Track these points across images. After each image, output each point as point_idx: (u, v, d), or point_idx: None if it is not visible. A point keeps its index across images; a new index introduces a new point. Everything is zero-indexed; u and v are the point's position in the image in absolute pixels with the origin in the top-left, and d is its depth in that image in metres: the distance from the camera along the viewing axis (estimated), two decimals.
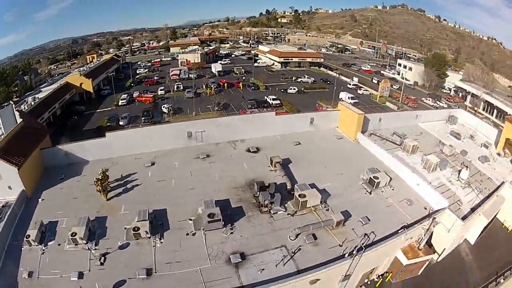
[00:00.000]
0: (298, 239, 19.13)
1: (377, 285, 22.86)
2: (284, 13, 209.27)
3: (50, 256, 16.36)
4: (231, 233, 18.98)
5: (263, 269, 16.77)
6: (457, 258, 27.08)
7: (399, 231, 21.40)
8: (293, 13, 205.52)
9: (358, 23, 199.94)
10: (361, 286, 22.53)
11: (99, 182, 19.75)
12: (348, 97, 61.21)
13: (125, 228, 18.05)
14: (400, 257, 22.34)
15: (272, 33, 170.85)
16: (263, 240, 18.75)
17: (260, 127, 30.06)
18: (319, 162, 28.03)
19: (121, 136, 26.04)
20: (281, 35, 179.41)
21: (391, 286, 23.20)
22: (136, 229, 17.27)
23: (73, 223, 17.48)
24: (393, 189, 26.62)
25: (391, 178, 27.34)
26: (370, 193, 25.66)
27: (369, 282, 22.98)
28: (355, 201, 23.57)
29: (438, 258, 25.46)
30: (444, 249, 24.95)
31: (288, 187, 23.14)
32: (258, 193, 21.65)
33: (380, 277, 23.33)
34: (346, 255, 17.97)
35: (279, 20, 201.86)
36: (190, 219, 19.40)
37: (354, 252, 17.49)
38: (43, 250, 16.61)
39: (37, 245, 16.62)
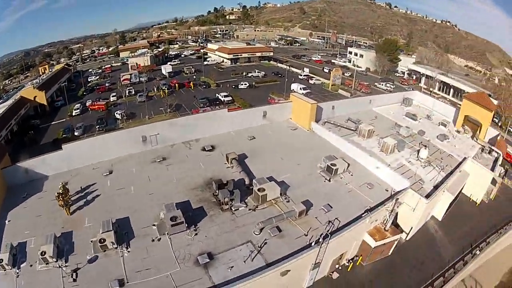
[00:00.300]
0: (263, 233, 21.77)
1: (348, 269, 26.13)
2: (232, 9, 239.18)
3: (25, 279, 17.83)
4: (196, 234, 21.26)
5: (232, 267, 18.91)
6: (426, 235, 31.97)
7: (363, 215, 24.82)
8: (241, 9, 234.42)
9: (307, 15, 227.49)
10: (332, 272, 25.52)
11: (60, 197, 21.80)
12: (300, 88, 69.51)
13: (91, 241, 19.80)
14: (367, 240, 25.88)
15: (220, 31, 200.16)
16: (228, 238, 21.22)
17: (213, 125, 33.76)
18: (275, 154, 31.90)
19: (77, 147, 28.35)
20: (229, 32, 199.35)
21: (362, 269, 26.69)
22: (102, 241, 19.17)
23: (41, 241, 19.10)
24: (352, 175, 30.74)
25: (349, 164, 31.50)
26: (329, 180, 29.29)
27: (340, 268, 26.13)
28: (315, 190, 27.20)
29: (406, 237, 29.79)
30: (411, 228, 29.33)
31: (246, 183, 26.11)
32: (217, 191, 24.34)
33: (351, 261, 26.68)
34: (313, 243, 20.65)
35: (227, 17, 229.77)
36: (154, 225, 21.54)
37: (320, 240, 20.24)
38: (17, 273, 18.13)
39: (11, 269, 18.18)
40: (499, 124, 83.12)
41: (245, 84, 75.85)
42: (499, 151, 44.13)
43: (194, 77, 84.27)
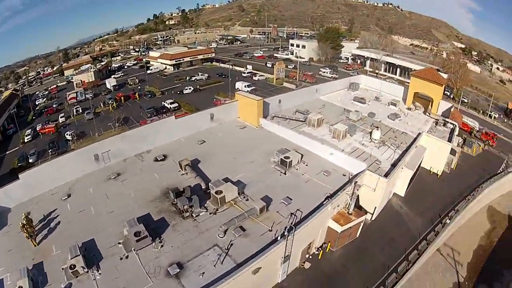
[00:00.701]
0: (227, 235, 25.81)
1: (319, 257, 31.08)
2: (172, 14, 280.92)
3: None
4: (162, 246, 24.86)
5: (203, 273, 22.41)
6: (392, 213, 38.94)
7: (324, 202, 30.01)
8: (180, 14, 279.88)
9: (246, 12, 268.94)
10: (304, 262, 30.13)
11: (24, 228, 24.72)
12: (245, 86, 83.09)
13: (62, 268, 22.46)
14: (333, 226, 31.13)
15: (161, 37, 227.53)
16: (194, 244, 25.06)
17: (162, 134, 39.37)
18: (228, 155, 37.87)
19: (33, 174, 31.71)
20: (170, 37, 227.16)
21: (333, 254, 31.86)
22: (72, 267, 22.00)
23: (16, 277, 21.60)
24: (307, 165, 36.75)
25: (302, 155, 37.58)
26: (285, 173, 34.83)
27: (310, 257, 31.02)
28: (272, 185, 32.66)
29: (372, 217, 36.23)
30: (375, 207, 35.76)
31: (203, 187, 30.69)
32: (175, 200, 28.61)
33: (320, 249, 31.80)
34: (279, 237, 24.85)
35: (167, 22, 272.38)
36: (119, 243, 24.81)
37: (285, 233, 24.31)
38: None
39: None
40: (451, 96, 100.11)
41: (189, 88, 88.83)
42: (454, 122, 54.62)
43: (139, 87, 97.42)
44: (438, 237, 36.90)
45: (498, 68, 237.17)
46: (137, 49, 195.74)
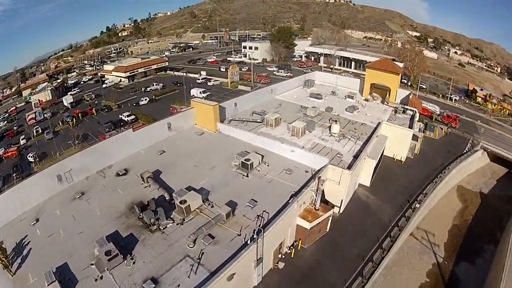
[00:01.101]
0: (197, 244, 27.23)
1: (292, 256, 32.93)
2: (124, 26, 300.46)
3: None
4: (134, 262, 25.94)
5: (178, 285, 23.64)
6: (360, 203, 41.75)
7: (290, 201, 31.90)
8: (132, 24, 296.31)
9: (198, 18, 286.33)
10: (277, 263, 31.86)
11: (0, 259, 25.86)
12: (200, 92, 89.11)
13: None
14: (301, 224, 33.11)
15: (114, 50, 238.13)
16: (165, 257, 26.30)
17: (122, 148, 41.18)
18: (188, 163, 39.93)
19: (1, 201, 32.19)
20: (123, 49, 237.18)
21: (305, 251, 33.83)
22: None
23: None
24: (268, 165, 38.90)
25: (263, 156, 39.72)
26: (247, 176, 36.74)
27: (283, 256, 32.79)
28: (235, 189, 34.68)
29: (339, 210, 38.75)
30: (342, 200, 38.28)
31: (167, 198, 32.45)
32: (141, 214, 30.03)
33: (291, 247, 33.69)
34: (249, 241, 26.35)
35: (120, 34, 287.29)
36: (92, 264, 25.78)
37: (254, 236, 25.92)
38: None
39: None
40: (409, 84, 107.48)
41: (145, 99, 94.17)
42: (413, 109, 59.13)
43: (96, 102, 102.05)
44: (410, 222, 39.97)
45: (456, 52, 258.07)
46: (91, 64, 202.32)
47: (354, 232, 36.72)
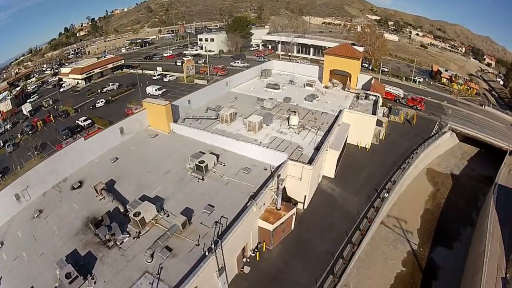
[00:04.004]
0: (155, 258, 27.01)
1: (257, 259, 32.76)
2: (82, 25, 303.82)
3: None
4: (95, 282, 25.67)
5: None
6: (325, 197, 41.89)
7: (248, 204, 31.37)
8: (90, 23, 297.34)
9: (154, 13, 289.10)
10: (242, 268, 31.69)
11: None
12: (156, 89, 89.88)
13: None
14: (264, 226, 32.78)
15: (72, 51, 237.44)
16: (125, 275, 26.08)
17: (75, 159, 40.58)
18: (142, 169, 39.49)
19: None
20: (81, 49, 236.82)
21: (271, 253, 33.71)
22: None
23: None
24: (224, 165, 38.30)
25: (218, 156, 39.06)
26: (203, 179, 36.03)
27: (248, 260, 32.57)
28: (191, 194, 34.28)
29: (304, 206, 38.63)
30: (305, 196, 38.13)
31: (121, 210, 32.08)
32: (96, 231, 29.56)
33: (256, 250, 33.55)
34: (207, 252, 26.08)
35: (78, 34, 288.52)
36: (56, 287, 25.56)
37: (212, 247, 25.69)
38: None
39: None
40: (370, 68, 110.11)
41: (102, 101, 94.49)
42: (376, 94, 60.19)
43: (54, 107, 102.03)
44: (379, 213, 40.45)
45: (417, 34, 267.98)
46: (51, 67, 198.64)
47: (321, 228, 36.75)
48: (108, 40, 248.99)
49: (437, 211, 51.93)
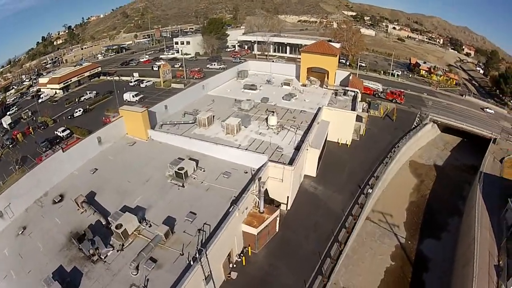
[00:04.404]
0: (140, 270, 26.93)
1: (244, 264, 32.79)
2: (59, 34, 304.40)
3: None
4: None
5: None
6: (307, 196, 41.97)
7: (230, 210, 31.24)
8: (67, 31, 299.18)
9: (130, 18, 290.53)
10: (229, 274, 31.65)
11: None
12: (132, 96, 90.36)
13: None
14: (247, 230, 32.66)
15: (50, 60, 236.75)
16: None
17: (55, 172, 40.11)
18: (122, 179, 39.13)
19: None
20: (58, 58, 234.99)
21: (257, 257, 33.76)
22: None
23: None
24: (204, 171, 38.12)
25: (197, 161, 38.86)
26: (183, 186, 35.81)
27: (235, 266, 32.56)
28: (172, 202, 34.21)
29: (287, 207, 38.65)
30: (288, 197, 38.11)
31: (104, 223, 31.93)
32: (79, 246, 29.47)
33: (241, 255, 33.47)
34: (191, 262, 26.18)
35: (55, 43, 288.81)
36: None
37: (197, 256, 25.51)
38: None
39: None
40: (348, 63, 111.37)
41: (79, 110, 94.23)
42: (354, 89, 60.76)
43: (33, 119, 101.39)
44: (364, 209, 40.73)
45: (394, 28, 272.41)
46: (28, 78, 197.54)
47: (306, 228, 36.78)
48: (85, 48, 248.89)
49: (422, 203, 52.73)
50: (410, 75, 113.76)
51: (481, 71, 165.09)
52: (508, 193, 43.64)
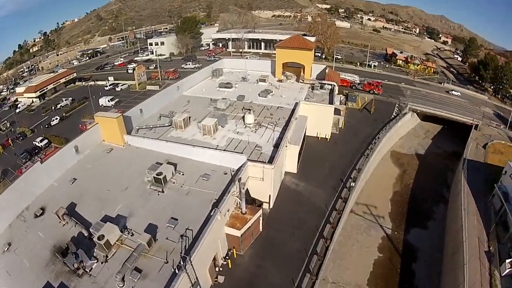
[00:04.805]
0: (126, 281, 26.67)
1: (230, 267, 32.66)
2: (35, 40, 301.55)
3: None
4: None
5: None
6: (290, 193, 41.98)
7: (212, 213, 30.89)
8: (42, 37, 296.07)
9: (104, 21, 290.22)
10: (216, 278, 31.58)
11: None
12: (108, 100, 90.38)
13: None
14: (231, 232, 32.45)
15: (27, 68, 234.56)
16: None
17: (34, 184, 39.52)
18: (102, 188, 38.64)
19: None
20: (35, 66, 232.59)
21: (243, 258, 33.67)
22: None
23: None
24: (183, 174, 37.68)
25: (175, 165, 38.40)
26: (163, 191, 35.38)
27: (221, 269, 32.49)
28: (153, 209, 33.92)
29: (270, 206, 38.62)
30: (270, 195, 38.11)
31: (86, 234, 31.61)
32: (63, 260, 29.37)
33: (227, 257, 33.43)
34: (176, 270, 25.96)
35: (31, 50, 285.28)
36: None
37: (181, 263, 25.38)
38: None
39: None
40: (324, 56, 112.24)
41: (56, 118, 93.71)
42: (331, 83, 61.06)
43: (12, 130, 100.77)
44: (348, 202, 40.89)
45: (369, 19, 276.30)
46: (5, 88, 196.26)
47: (290, 226, 36.74)
48: (61, 54, 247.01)
49: (406, 192, 53.46)
50: (387, 66, 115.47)
51: (459, 59, 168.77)
52: (493, 178, 44.64)
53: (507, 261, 32.82)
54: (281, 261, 32.99)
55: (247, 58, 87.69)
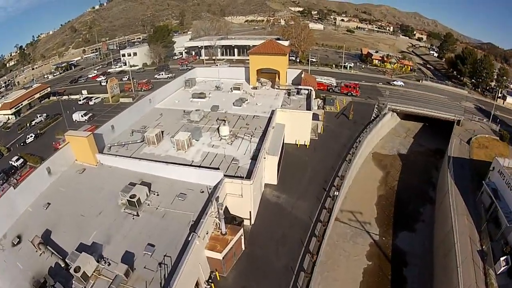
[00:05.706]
0: None
1: None
2: (11, 54, 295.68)
3: None
4: None
5: None
6: (271, 207, 40.47)
7: (190, 238, 29.30)
8: (18, 51, 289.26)
9: (78, 32, 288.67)
10: None
11: None
12: (81, 115, 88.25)
13: None
14: (211, 255, 30.97)
15: (3, 83, 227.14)
16: None
17: (10, 211, 37.74)
18: (75, 213, 36.44)
19: None
20: (11, 81, 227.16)
21: (227, 280, 32.29)
22: None
23: None
24: (158, 195, 35.99)
25: (149, 185, 36.69)
26: (138, 214, 33.64)
27: None
28: (128, 235, 32.23)
29: (251, 222, 37.11)
30: (250, 212, 36.63)
31: (62, 265, 30.31)
32: None
33: (210, 281, 32.03)
34: None
35: (8, 65, 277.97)
36: None
37: None
38: None
39: None
40: (298, 60, 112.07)
41: (31, 136, 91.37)
42: (308, 87, 60.23)
43: None
44: (333, 212, 39.70)
45: (343, 20, 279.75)
46: None
47: (274, 242, 35.33)
48: (36, 67, 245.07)
49: (391, 195, 52.75)
50: (363, 66, 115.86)
51: (435, 54, 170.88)
52: (480, 173, 44.27)
53: (502, 258, 32.56)
54: (267, 280, 31.63)
55: (217, 65, 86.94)
